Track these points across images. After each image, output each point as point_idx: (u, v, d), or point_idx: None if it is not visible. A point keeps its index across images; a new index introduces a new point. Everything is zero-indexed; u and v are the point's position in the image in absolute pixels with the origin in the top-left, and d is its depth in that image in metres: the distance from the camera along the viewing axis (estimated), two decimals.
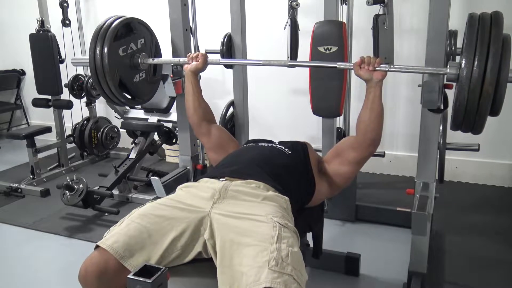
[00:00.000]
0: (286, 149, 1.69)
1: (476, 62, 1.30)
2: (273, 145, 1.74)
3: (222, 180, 1.46)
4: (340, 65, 1.70)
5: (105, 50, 1.90)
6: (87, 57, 1.95)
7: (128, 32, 2.05)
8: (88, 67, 2.04)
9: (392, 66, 1.56)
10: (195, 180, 1.59)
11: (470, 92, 1.32)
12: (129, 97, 2.10)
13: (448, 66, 1.45)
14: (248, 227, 1.24)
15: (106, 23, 1.95)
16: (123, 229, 1.29)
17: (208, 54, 1.91)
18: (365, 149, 1.63)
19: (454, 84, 1.45)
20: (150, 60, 2.09)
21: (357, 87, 3.28)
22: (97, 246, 1.26)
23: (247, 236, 1.21)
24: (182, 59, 1.97)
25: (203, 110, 1.90)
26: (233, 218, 1.28)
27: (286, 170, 1.59)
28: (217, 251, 1.23)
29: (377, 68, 1.56)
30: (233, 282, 1.13)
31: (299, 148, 1.72)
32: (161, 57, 2.23)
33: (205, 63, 1.89)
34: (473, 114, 1.36)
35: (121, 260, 1.22)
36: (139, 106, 3.60)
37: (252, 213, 1.30)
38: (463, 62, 1.33)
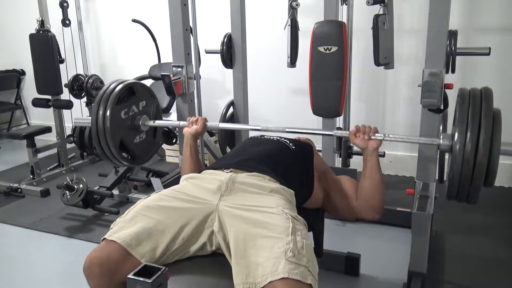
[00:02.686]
0: (290, 143, 1.69)
1: (468, 134, 1.32)
2: (278, 138, 1.74)
3: (227, 172, 1.46)
4: (336, 133, 1.81)
5: (108, 113, 1.90)
6: (90, 118, 1.95)
7: (130, 95, 2.06)
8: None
9: (387, 135, 1.58)
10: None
11: (464, 163, 1.33)
12: (128, 157, 2.09)
13: (441, 137, 1.47)
14: (260, 218, 1.25)
15: (110, 87, 1.96)
16: (129, 221, 1.30)
17: (207, 118, 1.92)
18: (366, 215, 1.62)
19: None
20: (151, 122, 2.10)
21: (357, 87, 3.29)
22: (103, 239, 1.27)
23: (261, 227, 1.22)
24: (182, 123, 1.99)
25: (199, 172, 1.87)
26: (244, 211, 1.29)
27: (289, 165, 1.59)
28: (230, 243, 1.23)
29: (372, 137, 1.57)
30: (248, 273, 1.14)
31: (303, 145, 1.73)
32: (161, 119, 2.24)
33: (204, 127, 1.89)
34: (467, 185, 1.36)
35: (128, 248, 1.23)
36: None
37: (262, 205, 1.30)
38: (456, 133, 1.35)
